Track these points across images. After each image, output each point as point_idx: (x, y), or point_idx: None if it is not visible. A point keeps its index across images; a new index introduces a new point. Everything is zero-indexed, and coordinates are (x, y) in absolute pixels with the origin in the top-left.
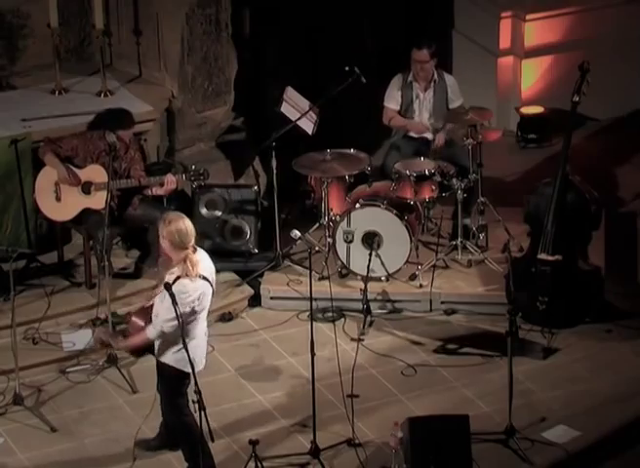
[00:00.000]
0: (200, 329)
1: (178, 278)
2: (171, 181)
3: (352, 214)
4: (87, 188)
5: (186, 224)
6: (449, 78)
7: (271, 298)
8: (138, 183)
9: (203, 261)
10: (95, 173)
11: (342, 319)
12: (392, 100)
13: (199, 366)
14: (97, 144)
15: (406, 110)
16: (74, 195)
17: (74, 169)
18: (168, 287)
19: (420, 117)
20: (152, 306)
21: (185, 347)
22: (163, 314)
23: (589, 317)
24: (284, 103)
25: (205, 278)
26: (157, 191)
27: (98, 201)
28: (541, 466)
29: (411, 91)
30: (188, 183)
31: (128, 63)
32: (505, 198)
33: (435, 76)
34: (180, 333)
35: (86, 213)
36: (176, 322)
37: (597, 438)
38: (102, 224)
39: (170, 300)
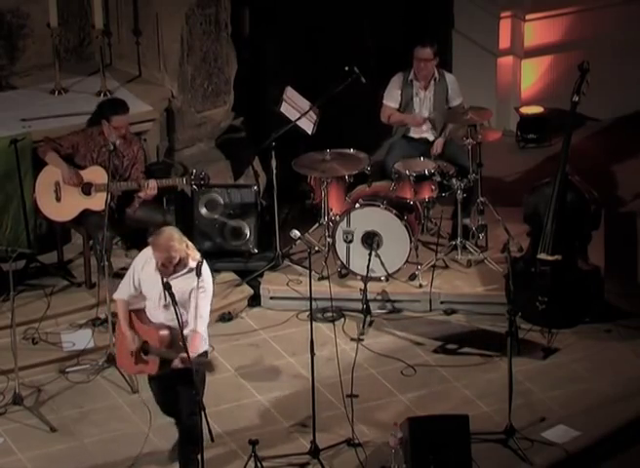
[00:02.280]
0: None
1: (200, 264)
2: (152, 187)
3: (352, 214)
4: (87, 189)
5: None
6: (449, 77)
7: (271, 298)
8: (137, 186)
9: None
10: (96, 174)
11: (342, 319)
12: (392, 99)
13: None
14: (97, 140)
15: (405, 108)
16: (74, 196)
17: (76, 169)
18: (168, 286)
19: (421, 115)
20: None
21: (183, 338)
22: (204, 306)
23: (589, 317)
24: (284, 103)
25: None
26: (140, 194)
27: (98, 202)
28: (541, 466)
29: (411, 89)
30: (189, 187)
31: (128, 63)
32: (505, 198)
33: (436, 75)
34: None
35: (86, 213)
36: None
37: (597, 438)
38: (102, 225)
39: (208, 292)
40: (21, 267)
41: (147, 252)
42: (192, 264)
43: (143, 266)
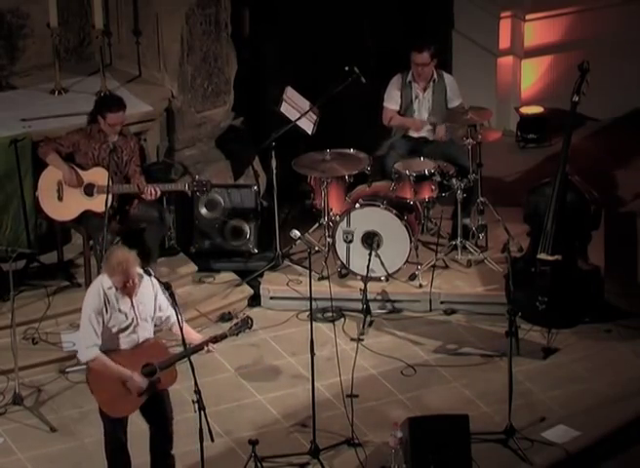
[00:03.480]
0: None
1: (144, 269)
2: (154, 194)
3: (352, 214)
4: (90, 190)
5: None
6: (448, 78)
7: (271, 298)
8: (137, 190)
9: None
10: (98, 175)
11: (342, 319)
12: (392, 101)
13: None
14: (96, 137)
15: (405, 110)
16: (76, 196)
17: (78, 170)
18: (168, 286)
19: (420, 117)
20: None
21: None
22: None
23: (589, 317)
24: (284, 103)
25: None
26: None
27: (99, 203)
28: (541, 466)
29: (410, 91)
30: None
31: (128, 63)
32: (505, 198)
33: (435, 76)
34: None
35: (86, 215)
36: None
37: (597, 438)
38: (102, 228)
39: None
40: (21, 267)
41: (94, 291)
42: (141, 271)
43: (105, 303)
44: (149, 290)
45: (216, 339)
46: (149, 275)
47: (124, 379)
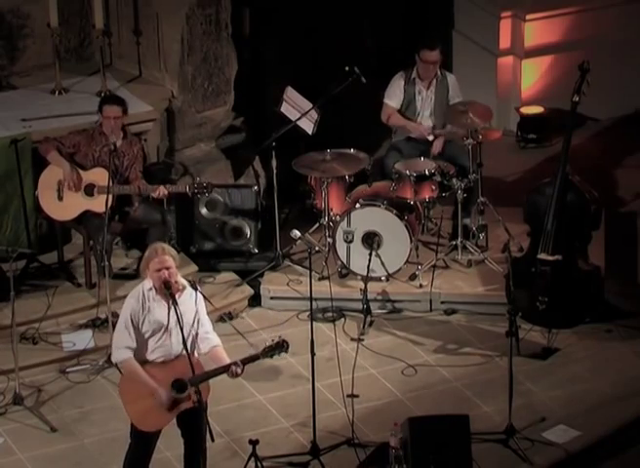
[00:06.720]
0: None
1: (191, 281)
2: (162, 194)
3: (352, 214)
4: (90, 190)
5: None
6: (450, 77)
7: (271, 298)
8: (138, 191)
9: None
10: (99, 175)
11: (342, 319)
12: (394, 98)
13: None
14: (98, 140)
15: (407, 108)
16: (76, 196)
17: (78, 169)
18: (168, 286)
19: (423, 114)
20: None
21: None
22: (209, 320)
23: (589, 317)
24: (284, 103)
25: None
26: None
27: (99, 204)
28: (541, 466)
29: (413, 88)
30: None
31: (128, 63)
32: (505, 198)
33: (438, 74)
34: None
35: (87, 215)
36: None
37: (597, 438)
38: (102, 228)
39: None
40: (22, 267)
41: (134, 292)
42: (185, 283)
43: (142, 306)
44: (191, 303)
45: (246, 361)
46: (195, 289)
47: (150, 390)
